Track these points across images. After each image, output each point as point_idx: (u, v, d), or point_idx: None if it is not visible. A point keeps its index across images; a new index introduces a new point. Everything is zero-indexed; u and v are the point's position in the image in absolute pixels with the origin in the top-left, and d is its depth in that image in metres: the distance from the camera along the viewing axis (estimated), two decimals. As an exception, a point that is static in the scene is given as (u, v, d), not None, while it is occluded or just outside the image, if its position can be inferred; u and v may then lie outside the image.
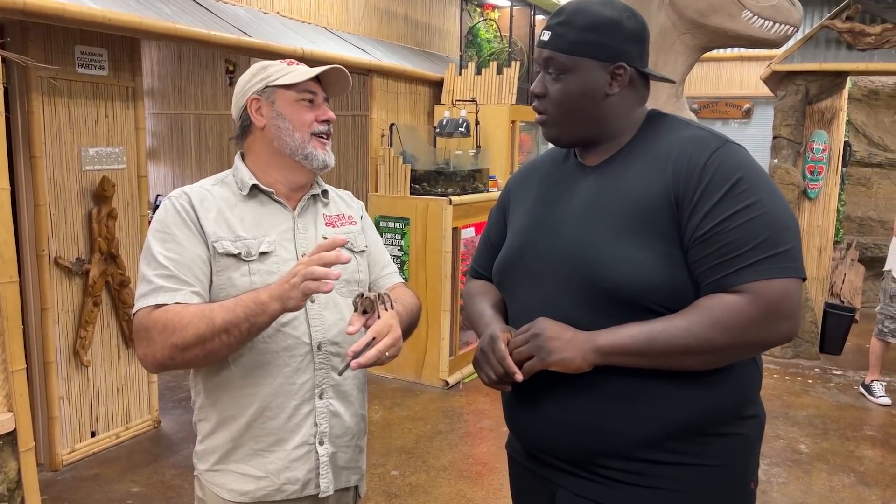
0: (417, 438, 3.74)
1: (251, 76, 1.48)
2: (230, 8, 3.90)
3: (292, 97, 1.45)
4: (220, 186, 1.47)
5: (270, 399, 1.40)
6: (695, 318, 1.16)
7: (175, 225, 1.38)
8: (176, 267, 1.35)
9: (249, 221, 1.43)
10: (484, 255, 1.57)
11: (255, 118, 1.46)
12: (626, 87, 1.28)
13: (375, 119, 4.69)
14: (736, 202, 1.16)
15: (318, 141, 1.48)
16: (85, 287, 3.33)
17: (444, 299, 4.44)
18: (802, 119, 5.09)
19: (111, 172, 3.41)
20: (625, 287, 1.19)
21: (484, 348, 1.30)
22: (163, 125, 6.33)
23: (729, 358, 1.20)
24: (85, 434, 3.42)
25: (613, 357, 1.19)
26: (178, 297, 1.32)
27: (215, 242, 1.38)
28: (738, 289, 1.15)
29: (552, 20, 1.30)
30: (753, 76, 7.20)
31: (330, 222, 1.54)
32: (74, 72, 3.20)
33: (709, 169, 1.19)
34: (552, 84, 1.29)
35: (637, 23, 1.28)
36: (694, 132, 1.27)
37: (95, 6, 2.83)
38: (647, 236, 1.20)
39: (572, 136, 1.33)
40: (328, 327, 1.45)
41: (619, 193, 1.26)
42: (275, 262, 1.41)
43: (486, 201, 4.74)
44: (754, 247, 1.15)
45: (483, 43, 5.25)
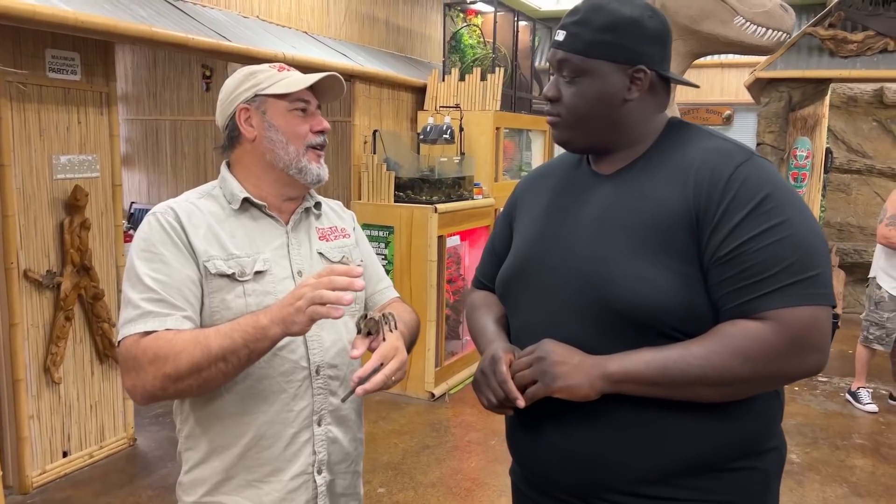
0: (404, 453, 3.64)
1: (238, 83, 1.37)
2: (208, 11, 3.79)
3: (285, 107, 1.35)
4: (207, 200, 1.37)
5: (267, 427, 1.31)
6: (714, 346, 1.08)
7: (162, 243, 1.28)
8: (164, 290, 1.24)
9: (241, 238, 1.34)
10: (488, 264, 1.49)
11: (244, 129, 1.36)
12: (646, 91, 1.20)
13: (358, 125, 4.60)
14: (762, 221, 1.08)
15: (314, 153, 1.39)
16: (56, 301, 3.19)
17: (429, 309, 4.35)
18: (786, 126, 5.09)
19: (84, 181, 3.27)
20: (638, 308, 1.11)
21: (485, 370, 1.21)
22: (137, 131, 6.18)
23: (750, 390, 1.12)
24: (56, 454, 3.27)
25: (624, 385, 1.11)
26: (169, 323, 1.22)
27: (206, 262, 1.28)
28: (763, 315, 1.06)
29: (567, 18, 1.21)
30: (734, 83, 7.23)
31: (323, 236, 1.46)
32: (45, 76, 3.07)
33: (733, 184, 1.10)
34: (566, 87, 1.21)
35: (659, 22, 1.19)
36: (718, 143, 1.18)
37: (67, 8, 2.71)
38: (663, 254, 1.12)
39: (585, 142, 1.25)
40: (326, 349, 1.36)
41: (635, 206, 1.17)
42: (270, 282, 1.32)
43: (472, 209, 4.66)
44: (781, 270, 1.06)
45: (466, 49, 5.19)
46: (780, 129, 5.06)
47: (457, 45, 5.20)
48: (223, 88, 1.40)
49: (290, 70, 1.40)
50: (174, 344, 1.19)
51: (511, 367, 1.18)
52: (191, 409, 1.34)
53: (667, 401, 1.12)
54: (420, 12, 5.88)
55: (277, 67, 1.39)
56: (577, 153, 1.31)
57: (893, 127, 6.57)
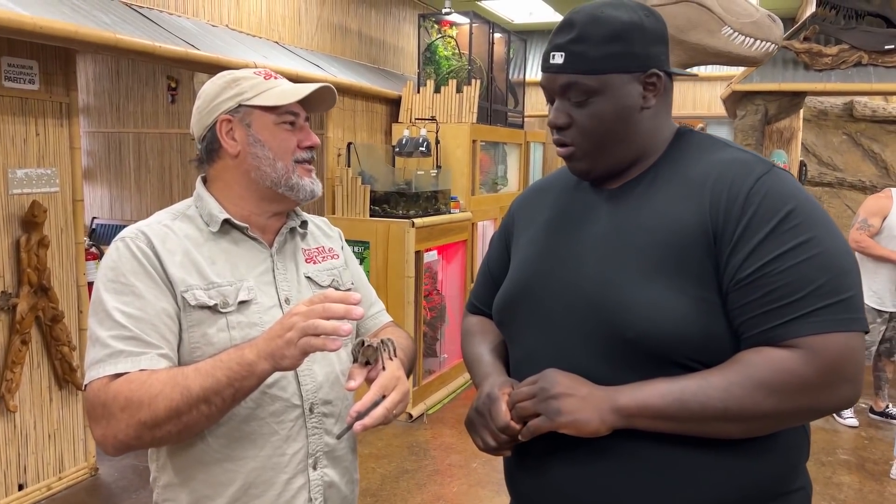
0: (383, 479, 3.49)
1: (219, 90, 1.24)
2: (175, 19, 3.64)
3: (272, 120, 1.22)
4: (182, 221, 1.23)
5: (256, 474, 1.18)
6: (736, 376, 0.97)
7: (133, 273, 1.14)
8: (137, 326, 1.11)
9: (222, 264, 1.21)
10: (483, 288, 1.37)
11: (226, 143, 1.23)
12: (660, 95, 1.10)
13: (332, 138, 4.47)
14: (787, 239, 0.98)
15: (303, 168, 1.26)
16: (12, 323, 2.99)
17: (407, 327, 4.21)
18: (762, 139, 5.09)
19: (42, 196, 3.09)
20: (652, 337, 1.00)
21: (480, 408, 1.10)
22: (99, 144, 5.95)
23: (776, 426, 1.01)
24: (11, 488, 3.06)
25: (637, 420, 1.00)
26: (143, 363, 1.09)
27: (185, 292, 1.15)
28: (790, 343, 0.96)
29: (561, 38, 1.09)
30: (706, 96, 7.26)
31: (310, 258, 1.33)
32: (1, 86, 2.89)
33: (753, 198, 1.00)
34: (577, 111, 1.09)
35: (657, 20, 1.11)
36: (735, 154, 1.08)
37: (25, 13, 2.54)
38: (678, 277, 1.01)
39: (608, 165, 1.13)
40: (320, 384, 1.24)
41: (646, 223, 1.07)
42: (256, 313, 1.19)
43: (449, 223, 4.55)
44: (809, 293, 0.96)
45: (441, 60, 5.10)
46: (757, 142, 5.05)
47: (431, 57, 5.10)
48: (201, 95, 1.26)
49: (277, 77, 1.27)
50: (149, 386, 1.06)
51: (510, 397, 1.07)
52: (168, 455, 1.20)
53: (684, 437, 1.01)
54: (393, 23, 5.78)
55: (263, 74, 1.26)
56: (598, 180, 1.17)
57: (863, 140, 6.65)
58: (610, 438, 1.02)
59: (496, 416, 1.06)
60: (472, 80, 4.85)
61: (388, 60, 5.73)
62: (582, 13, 1.08)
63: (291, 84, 1.26)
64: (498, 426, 1.06)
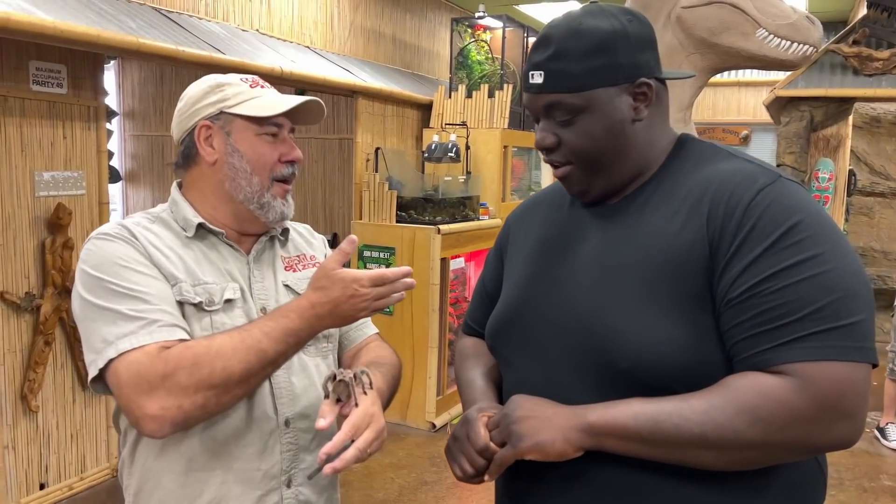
0: (401, 490, 3.43)
1: (202, 94, 1.20)
2: (203, 24, 3.65)
3: (253, 131, 1.18)
4: (159, 225, 1.19)
5: (227, 489, 1.13)
6: (717, 400, 0.88)
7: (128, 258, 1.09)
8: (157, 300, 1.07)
9: (206, 264, 1.18)
10: (478, 308, 1.30)
11: (203, 150, 1.19)
12: (653, 104, 1.02)
13: (360, 143, 4.44)
14: (787, 256, 0.88)
15: (280, 187, 1.21)
16: (35, 324, 3.02)
17: (431, 335, 4.16)
18: (807, 146, 4.89)
19: (68, 199, 3.12)
20: (646, 366, 0.92)
21: (457, 434, 1.03)
22: (143, 147, 6.07)
23: (761, 459, 0.90)
24: (33, 487, 3.09)
25: (607, 440, 0.92)
26: (180, 334, 1.06)
27: (173, 286, 1.11)
28: (781, 369, 0.87)
29: (539, 56, 1.01)
30: (752, 101, 7.04)
31: (290, 266, 1.29)
32: (29, 89, 2.93)
33: (753, 210, 0.91)
34: (565, 131, 1.01)
35: (642, 23, 1.02)
36: (738, 164, 0.99)
37: (47, 17, 2.57)
38: (674, 299, 0.93)
39: (603, 186, 1.05)
40: (296, 397, 1.19)
41: (641, 241, 0.99)
42: (240, 317, 1.15)
43: (477, 230, 4.48)
44: (806, 315, 0.86)
45: (474, 65, 5.03)
46: (801, 150, 4.85)
47: (464, 61, 5.05)
48: (184, 96, 1.22)
49: (264, 87, 1.22)
50: (217, 351, 1.02)
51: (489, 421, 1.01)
52: (140, 462, 1.16)
53: (671, 467, 0.92)
54: (428, 28, 5.75)
55: (250, 82, 1.21)
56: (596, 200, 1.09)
57: (918, 148, 6.33)
58: (579, 462, 0.95)
59: (474, 438, 0.99)
60: (504, 85, 4.78)
61: (422, 65, 5.69)
62: (559, 27, 1.00)
63: (278, 95, 1.21)
64: (476, 448, 0.99)
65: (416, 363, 4.19)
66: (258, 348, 1.03)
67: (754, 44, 2.64)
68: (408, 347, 4.20)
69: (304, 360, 1.22)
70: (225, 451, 1.13)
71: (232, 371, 1.01)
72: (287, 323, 1.06)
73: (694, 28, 2.74)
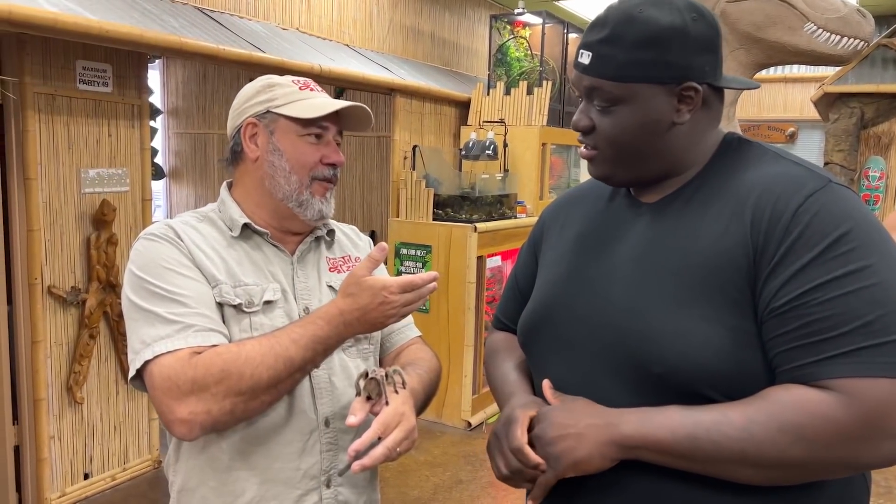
0: (436, 488, 3.43)
1: (254, 93, 1.23)
2: (245, 23, 3.70)
3: (296, 131, 1.19)
4: (207, 224, 1.22)
5: (267, 488, 1.14)
6: (758, 415, 0.85)
7: (171, 260, 1.12)
8: (196, 304, 1.09)
9: (248, 265, 1.19)
10: (510, 303, 1.28)
11: (247, 147, 1.21)
12: (698, 110, 0.97)
13: (398, 140, 4.45)
14: (835, 266, 0.84)
15: (320, 185, 1.22)
16: (81, 318, 3.10)
17: (467, 333, 4.14)
18: (857, 144, 4.73)
19: (113, 195, 3.19)
20: (683, 372, 0.89)
21: (498, 432, 1.01)
22: (186, 145, 6.18)
23: (803, 476, 0.87)
24: (77, 476, 3.17)
25: (642, 452, 0.90)
26: (214, 339, 1.07)
27: (213, 288, 1.13)
28: (826, 384, 0.83)
29: (591, 35, 0.97)
30: (798, 98, 6.85)
31: (335, 267, 1.29)
32: (75, 88, 3.00)
33: (801, 217, 0.87)
34: (601, 117, 0.99)
35: (706, 25, 0.96)
36: (786, 167, 0.95)
37: (93, 17, 2.62)
38: (714, 304, 0.90)
39: (629, 176, 1.03)
40: (337, 397, 1.19)
41: (682, 244, 0.95)
42: (280, 318, 1.16)
43: (514, 228, 4.45)
44: (854, 329, 0.82)
45: (513, 62, 5.00)
46: (851, 148, 4.70)
47: (503, 58, 5.01)
48: (239, 95, 1.26)
49: (314, 90, 1.24)
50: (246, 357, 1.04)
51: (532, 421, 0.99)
52: (184, 459, 1.18)
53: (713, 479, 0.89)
54: (467, 25, 5.73)
55: (301, 84, 1.23)
56: (619, 187, 1.08)
57: (976, 146, 6.08)
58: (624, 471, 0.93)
59: (511, 438, 0.97)
60: (543, 82, 4.73)
61: (461, 62, 5.68)
62: (618, 10, 0.96)
63: (327, 99, 1.22)
64: (511, 447, 0.96)
65: (451, 361, 4.18)
66: (286, 356, 1.04)
67: (802, 38, 2.55)
68: (443, 346, 4.19)
69: (345, 360, 1.22)
70: (265, 450, 1.14)
71: (260, 378, 1.03)
72: (315, 330, 1.06)
73: (739, 23, 2.67)
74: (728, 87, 1.00)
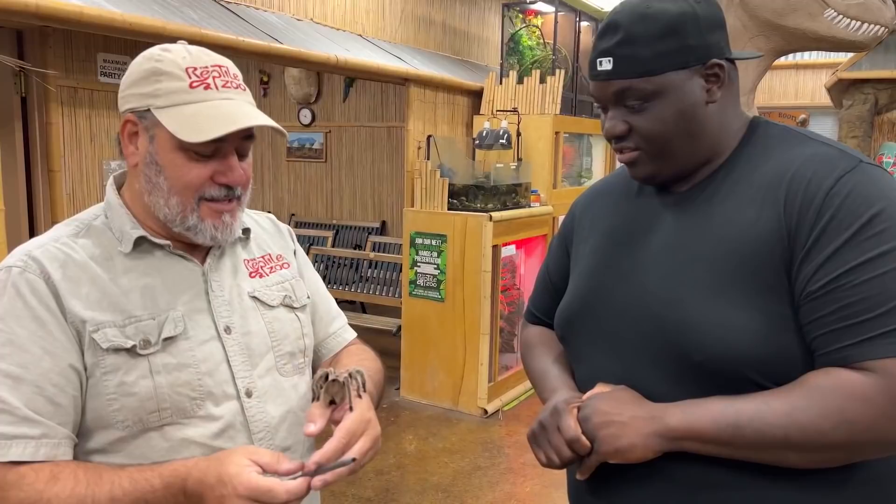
0: (455, 474, 3.46)
1: (138, 78, 0.96)
2: (261, 14, 3.71)
3: (179, 143, 0.94)
4: (88, 237, 0.98)
5: None
6: (800, 400, 0.87)
7: (15, 318, 0.90)
8: (16, 393, 0.88)
9: (139, 290, 0.97)
10: (543, 296, 1.29)
11: (126, 148, 0.98)
12: (725, 85, 1.00)
13: (412, 131, 4.46)
14: (869, 247, 0.86)
15: (210, 207, 0.98)
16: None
17: (482, 321, 4.17)
18: (870, 130, 4.73)
19: (134, 187, 3.22)
20: (722, 359, 0.91)
21: (545, 423, 1.02)
22: (195, 136, 6.21)
23: (847, 458, 0.90)
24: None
25: (686, 443, 0.92)
26: (15, 451, 0.86)
27: (94, 333, 0.92)
28: (864, 366, 0.85)
29: (606, 42, 0.99)
30: (810, 84, 6.83)
31: (255, 270, 1.10)
32: (97, 81, 3.02)
33: (833, 199, 0.89)
34: (636, 117, 1.00)
35: (710, 4, 1.00)
36: (816, 148, 0.96)
37: (116, 10, 2.65)
38: (750, 290, 0.92)
39: (672, 170, 1.04)
40: (275, 427, 1.03)
41: (714, 231, 0.97)
42: (188, 350, 0.97)
43: (528, 217, 4.47)
44: (890, 310, 0.84)
45: (525, 51, 5.00)
46: (864, 134, 4.69)
47: (515, 47, 5.02)
48: (128, 70, 0.99)
49: (210, 86, 0.95)
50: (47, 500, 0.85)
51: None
52: None
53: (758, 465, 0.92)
54: (478, 14, 5.72)
55: (194, 79, 0.94)
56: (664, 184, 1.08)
57: None
58: (668, 459, 0.95)
59: (565, 429, 0.99)
60: (556, 71, 4.74)
61: (473, 52, 5.68)
62: (625, 12, 0.99)
63: (227, 104, 0.95)
64: (567, 438, 0.99)
65: (468, 350, 4.22)
66: None
67: (822, 25, 2.56)
68: (459, 334, 4.22)
69: (280, 380, 1.06)
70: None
71: None
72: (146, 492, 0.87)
73: (759, 9, 2.67)
74: (739, 58, 1.03)
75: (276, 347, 1.08)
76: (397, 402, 4.38)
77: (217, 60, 0.99)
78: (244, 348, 1.03)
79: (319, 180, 6.50)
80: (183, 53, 0.98)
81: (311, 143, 6.46)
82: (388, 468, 3.48)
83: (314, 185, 6.53)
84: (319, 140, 6.42)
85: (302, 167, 6.52)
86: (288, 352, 1.09)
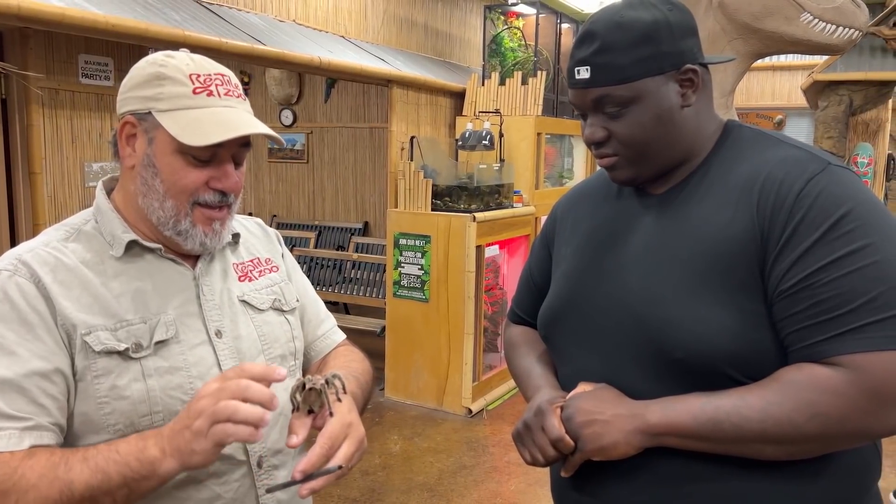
0: (440, 473, 3.48)
1: (141, 81, 0.99)
2: (244, 15, 3.71)
3: (178, 147, 0.96)
4: (78, 242, 0.99)
5: None
6: (774, 395, 0.91)
7: (3, 321, 0.90)
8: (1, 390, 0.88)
9: (131, 294, 0.98)
10: (526, 296, 1.32)
11: (123, 149, 0.99)
12: (700, 89, 1.04)
13: (395, 132, 4.47)
14: (838, 246, 0.90)
15: (203, 213, 1.00)
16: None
17: (466, 321, 4.20)
18: (846, 131, 4.82)
19: (116, 189, 3.20)
20: (701, 356, 0.95)
21: (529, 422, 1.05)
22: (176, 138, 6.18)
23: (821, 449, 0.93)
24: None
25: (667, 439, 0.96)
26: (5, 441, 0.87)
27: (87, 336, 0.93)
28: (834, 361, 0.89)
29: (583, 51, 1.02)
30: (786, 86, 6.94)
31: (245, 274, 1.11)
32: (77, 82, 3.00)
33: (804, 201, 0.93)
34: (615, 123, 1.03)
35: (682, 12, 1.04)
36: (788, 151, 1.00)
37: (99, 12, 2.63)
38: (726, 288, 0.95)
39: (651, 172, 1.07)
40: (266, 430, 1.01)
41: (691, 231, 1.01)
42: (179, 354, 0.98)
43: (511, 217, 4.50)
44: (859, 306, 0.88)
45: (507, 52, 5.03)
46: (840, 135, 4.78)
47: (497, 49, 5.05)
48: (129, 74, 1.02)
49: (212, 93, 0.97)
50: (20, 477, 0.85)
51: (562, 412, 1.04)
52: None
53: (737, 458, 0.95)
54: (459, 16, 5.75)
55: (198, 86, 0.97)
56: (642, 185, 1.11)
57: (960, 132, 6.20)
58: (650, 454, 0.98)
59: (549, 429, 1.02)
60: (537, 72, 4.77)
61: (455, 53, 5.70)
62: (601, 21, 1.02)
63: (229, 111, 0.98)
64: (551, 438, 1.01)
65: (452, 350, 4.24)
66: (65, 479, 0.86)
67: (798, 28, 2.62)
68: (444, 334, 4.25)
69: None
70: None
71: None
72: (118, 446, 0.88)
73: (737, 13, 2.73)
74: (712, 62, 1.07)
75: (267, 350, 1.09)
76: (382, 402, 4.39)
77: (219, 69, 1.02)
78: (235, 352, 1.04)
79: (301, 181, 6.49)
80: (186, 60, 1.00)
81: (292, 143, 6.45)
82: (373, 468, 3.50)
83: (296, 186, 6.52)
84: (301, 141, 6.41)
85: (284, 168, 6.51)
86: (279, 355, 1.10)
